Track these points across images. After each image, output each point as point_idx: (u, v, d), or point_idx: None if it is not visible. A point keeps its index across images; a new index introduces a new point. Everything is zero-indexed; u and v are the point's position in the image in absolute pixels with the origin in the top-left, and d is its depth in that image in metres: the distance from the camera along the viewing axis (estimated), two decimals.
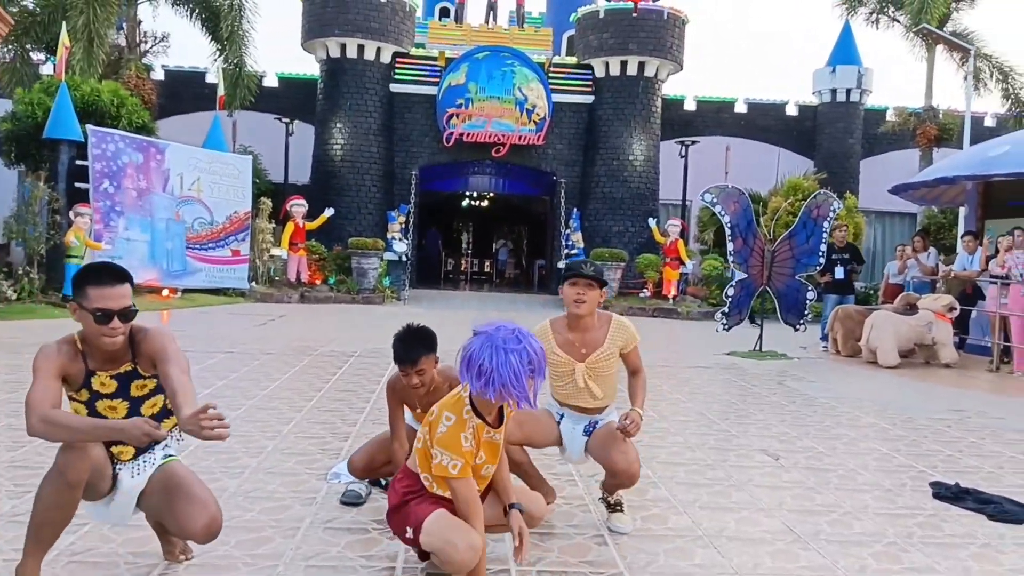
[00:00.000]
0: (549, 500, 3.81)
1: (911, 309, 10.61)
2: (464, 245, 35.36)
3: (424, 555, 3.04)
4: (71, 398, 2.88)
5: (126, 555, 3.20)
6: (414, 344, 3.54)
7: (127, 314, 2.79)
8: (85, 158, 14.72)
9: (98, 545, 3.31)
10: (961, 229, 14.21)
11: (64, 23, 16.76)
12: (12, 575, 2.86)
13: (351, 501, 3.97)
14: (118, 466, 2.93)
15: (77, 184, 14.77)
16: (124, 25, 21.14)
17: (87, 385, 2.84)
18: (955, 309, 10.56)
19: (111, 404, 2.88)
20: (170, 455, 3.04)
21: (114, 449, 2.89)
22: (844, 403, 7.51)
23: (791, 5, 71.89)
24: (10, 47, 19.18)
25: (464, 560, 2.78)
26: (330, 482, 4.26)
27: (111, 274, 2.79)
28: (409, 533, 2.95)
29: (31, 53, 20.55)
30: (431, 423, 2.92)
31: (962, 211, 14.54)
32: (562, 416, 3.88)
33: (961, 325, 11.38)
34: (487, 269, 31.95)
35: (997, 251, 10.43)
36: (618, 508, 3.80)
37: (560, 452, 3.96)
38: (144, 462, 2.97)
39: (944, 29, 21.34)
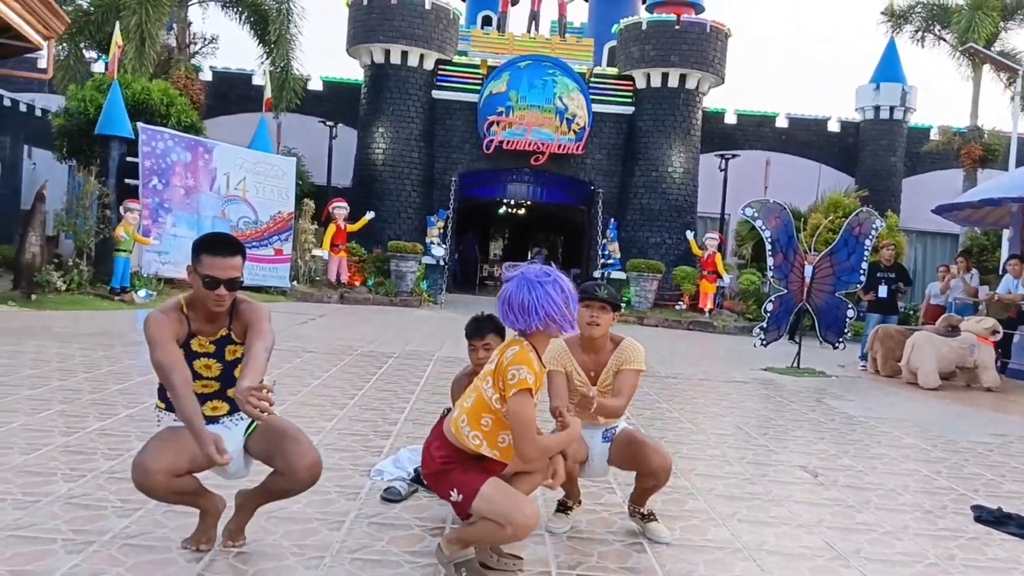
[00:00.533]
0: (576, 504, 3.94)
1: (953, 331, 10.48)
2: (500, 252, 35.47)
3: (467, 516, 3.11)
4: None
5: (179, 540, 3.30)
6: (485, 323, 3.98)
7: (233, 283, 3.03)
8: (135, 155, 15.07)
9: (152, 529, 3.42)
10: (1005, 251, 13.99)
11: (117, 23, 17.19)
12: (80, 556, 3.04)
13: (392, 498, 4.05)
14: (218, 423, 3.18)
15: (127, 180, 15.12)
16: (175, 26, 21.58)
17: (186, 345, 3.07)
18: (998, 332, 10.41)
19: (207, 363, 3.15)
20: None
21: (207, 408, 3.14)
22: (884, 423, 7.45)
23: (835, 21, 71.25)
24: (64, 45, 19.66)
25: (528, 525, 2.94)
26: (373, 479, 4.34)
27: (225, 246, 3.04)
28: (455, 496, 3.03)
29: (84, 51, 21.06)
30: (495, 364, 3.02)
31: (1006, 233, 14.32)
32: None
33: (1003, 349, 11.20)
34: None
35: None
36: (653, 518, 3.84)
37: (580, 470, 3.85)
38: (238, 416, 3.23)
39: (992, 48, 21.03)
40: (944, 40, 22.78)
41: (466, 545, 3.11)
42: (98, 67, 21.77)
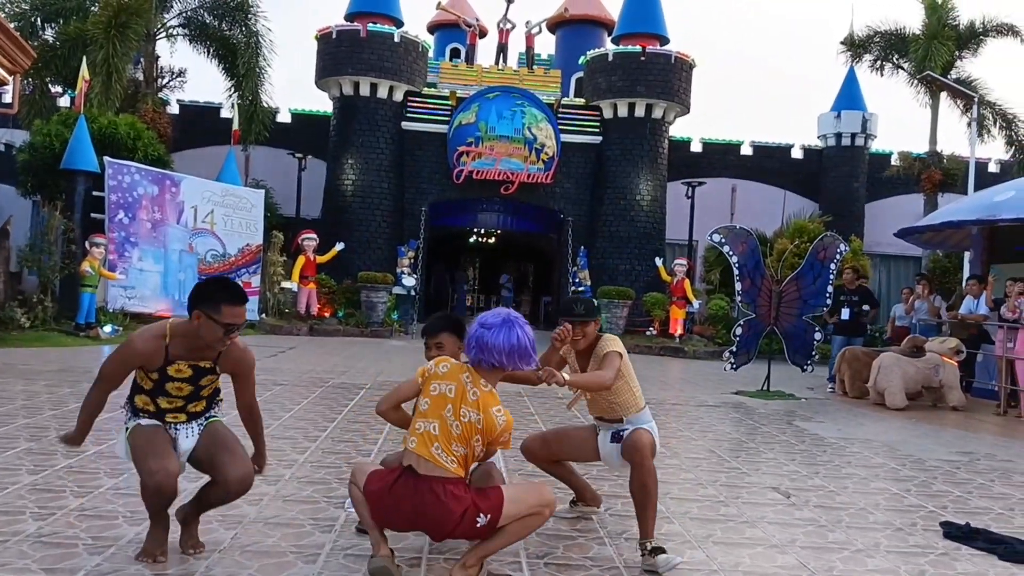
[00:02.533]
0: (592, 503, 4.38)
1: (918, 352, 10.67)
2: (470, 281, 35.48)
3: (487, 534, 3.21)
4: (144, 374, 3.39)
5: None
6: (437, 321, 4.00)
7: (241, 327, 3.37)
8: (101, 189, 14.95)
9: (124, 566, 3.37)
10: (967, 274, 14.31)
11: (84, 57, 17.13)
12: None
13: (367, 529, 4.03)
14: (172, 428, 3.46)
15: (93, 214, 15.00)
16: (142, 60, 21.52)
17: (162, 370, 3.35)
18: (962, 352, 10.61)
19: (179, 386, 3.42)
20: (213, 416, 3.60)
21: (169, 417, 3.45)
22: (853, 443, 7.55)
23: (796, 51, 72.88)
24: (30, 80, 19.53)
25: (554, 500, 3.35)
26: (347, 511, 4.32)
27: (241, 295, 3.34)
28: (482, 521, 3.13)
29: (50, 86, 20.94)
30: (475, 395, 3.23)
31: (967, 255, 14.66)
32: (599, 429, 4.18)
33: (967, 369, 11.42)
34: (493, 305, 32.05)
35: (1006, 295, 10.50)
36: (661, 551, 3.72)
37: (603, 460, 4.22)
38: (196, 424, 3.53)
39: (948, 76, 21.64)
40: (902, 68, 23.40)
41: (485, 558, 3.28)
42: (64, 101, 21.65)
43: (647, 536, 3.78)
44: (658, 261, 20.89)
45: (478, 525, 3.11)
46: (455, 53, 25.97)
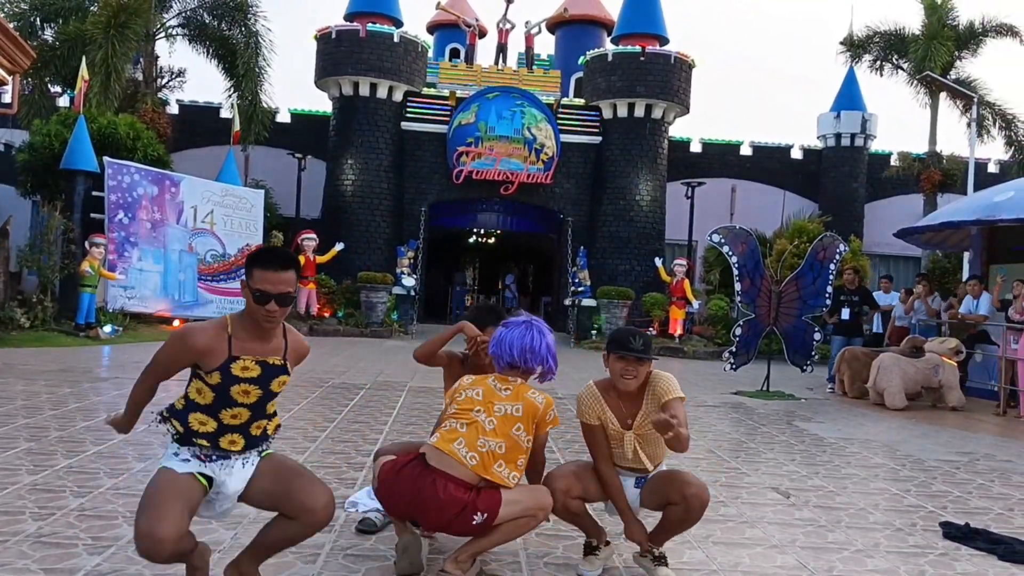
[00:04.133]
0: (605, 541, 3.75)
1: (918, 352, 10.67)
2: (470, 282, 35.48)
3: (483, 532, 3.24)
4: (197, 376, 2.92)
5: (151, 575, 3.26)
6: (489, 314, 4.12)
7: (285, 299, 2.88)
8: (101, 189, 14.95)
9: (124, 566, 3.37)
10: (966, 274, 14.32)
11: (83, 57, 17.13)
12: None
13: (367, 529, 4.04)
14: (229, 460, 2.97)
15: (92, 214, 15.00)
16: (141, 60, 21.53)
17: (224, 369, 2.87)
18: (961, 352, 10.62)
19: (246, 389, 2.92)
20: (267, 450, 3.12)
21: (223, 441, 2.94)
22: (853, 444, 7.55)
23: (796, 51, 72.93)
24: (29, 80, 19.53)
25: (551, 503, 3.35)
26: (347, 511, 4.31)
27: (278, 259, 2.90)
28: (479, 519, 3.15)
29: (49, 86, 20.93)
30: (522, 412, 3.35)
31: (967, 256, 14.66)
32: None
33: (963, 368, 11.41)
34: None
35: (1014, 296, 10.47)
36: (663, 562, 3.59)
37: (606, 508, 3.77)
38: (252, 453, 3.04)
39: (948, 76, 21.66)
40: (902, 69, 23.42)
41: (477, 555, 3.28)
42: (63, 101, 21.64)
43: (658, 544, 3.62)
44: (658, 261, 20.89)
45: (474, 523, 3.14)
46: (455, 53, 25.98)
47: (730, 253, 10.81)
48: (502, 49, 24.35)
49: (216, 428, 2.91)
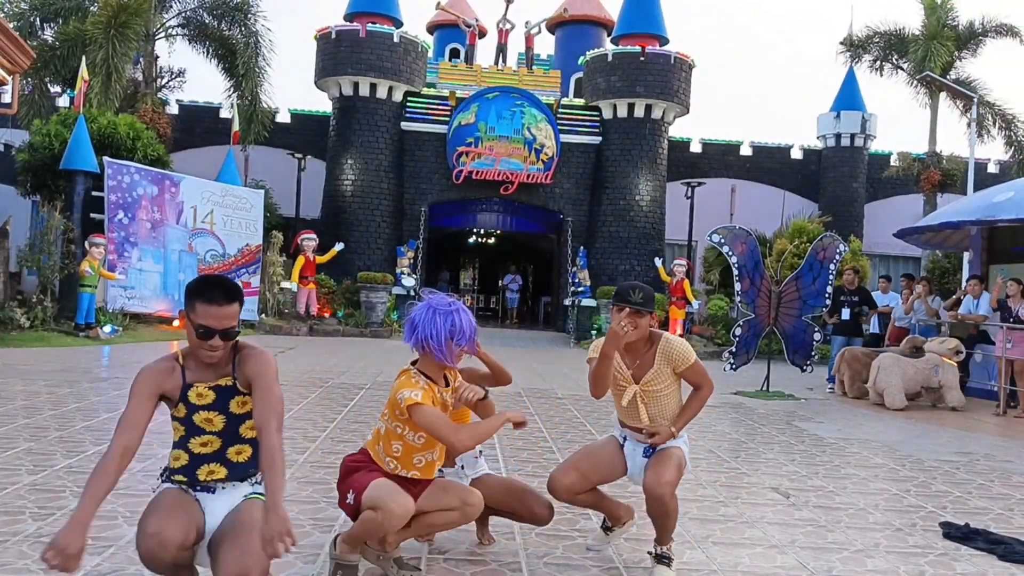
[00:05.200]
0: (627, 519, 3.90)
1: (917, 352, 10.67)
2: (469, 282, 35.50)
3: (356, 517, 3.29)
4: (172, 416, 2.84)
5: None
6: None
7: (228, 334, 2.77)
8: (101, 189, 14.95)
9: (125, 566, 3.37)
10: (966, 274, 14.31)
11: (83, 57, 17.14)
12: None
13: None
14: (208, 489, 2.81)
15: (92, 215, 15.00)
16: (141, 60, 21.54)
17: (184, 399, 2.80)
18: (961, 352, 10.62)
19: (208, 416, 2.81)
20: (257, 493, 2.86)
21: (201, 472, 2.80)
22: (853, 444, 7.56)
23: (796, 52, 72.94)
24: (29, 80, 19.53)
25: (396, 512, 3.14)
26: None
27: (221, 292, 2.76)
28: (350, 498, 3.28)
29: (49, 86, 20.94)
30: (389, 402, 3.34)
31: (967, 256, 14.67)
32: (625, 439, 3.80)
33: (963, 368, 11.41)
34: (492, 305, 32.01)
35: (1007, 295, 10.47)
36: (663, 562, 3.59)
37: (629, 478, 3.84)
38: (241, 486, 2.86)
39: (947, 77, 21.66)
40: (901, 69, 23.43)
41: (355, 543, 3.30)
42: (63, 102, 21.65)
43: (660, 543, 3.62)
44: (657, 261, 20.89)
45: (347, 501, 3.30)
46: (454, 53, 25.99)
47: (730, 253, 10.81)
48: (502, 49, 24.36)
49: (189, 460, 2.80)
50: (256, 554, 2.51)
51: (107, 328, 13.70)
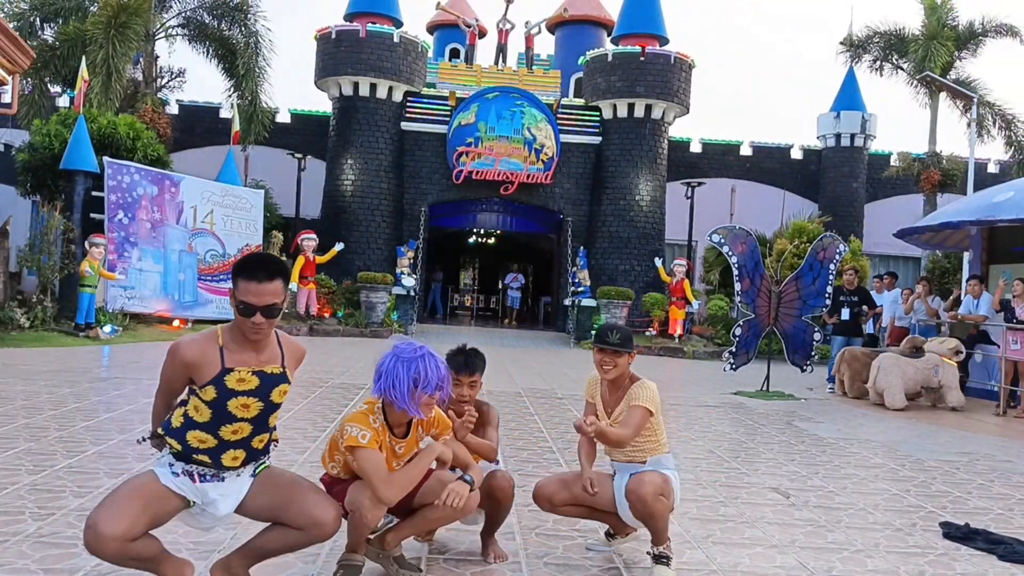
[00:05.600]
0: (630, 529, 3.92)
1: (917, 352, 10.67)
2: (469, 282, 35.48)
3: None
4: (192, 393, 2.83)
5: None
6: (475, 359, 3.77)
7: (271, 311, 2.77)
8: (101, 189, 14.95)
9: (123, 569, 3.37)
10: (966, 274, 14.31)
11: (83, 57, 17.13)
12: None
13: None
14: (223, 480, 2.89)
15: (92, 215, 15.00)
16: (141, 60, 21.54)
17: (218, 382, 2.78)
18: (961, 352, 10.62)
19: (244, 402, 2.81)
20: (264, 463, 3.05)
21: (226, 458, 2.85)
22: (853, 444, 7.56)
23: (796, 52, 72.94)
24: (29, 80, 19.53)
25: (368, 505, 3.12)
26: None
27: (264, 269, 2.77)
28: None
29: (49, 86, 20.93)
30: (344, 418, 3.28)
31: (967, 256, 14.66)
32: (615, 472, 3.85)
33: (962, 368, 11.40)
34: (492, 305, 32.00)
35: (1014, 296, 10.44)
36: (662, 561, 3.62)
37: (621, 515, 3.79)
38: (248, 468, 2.96)
39: (947, 77, 21.66)
40: (901, 69, 23.43)
41: (355, 545, 3.30)
42: (63, 101, 21.65)
43: (656, 543, 3.65)
44: (657, 261, 20.89)
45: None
46: (454, 53, 25.99)
47: (730, 253, 10.82)
48: (502, 49, 24.36)
49: (217, 444, 2.82)
50: (329, 497, 2.99)
51: (107, 328, 13.70)
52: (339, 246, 19.31)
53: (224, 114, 23.18)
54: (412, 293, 20.31)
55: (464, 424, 3.61)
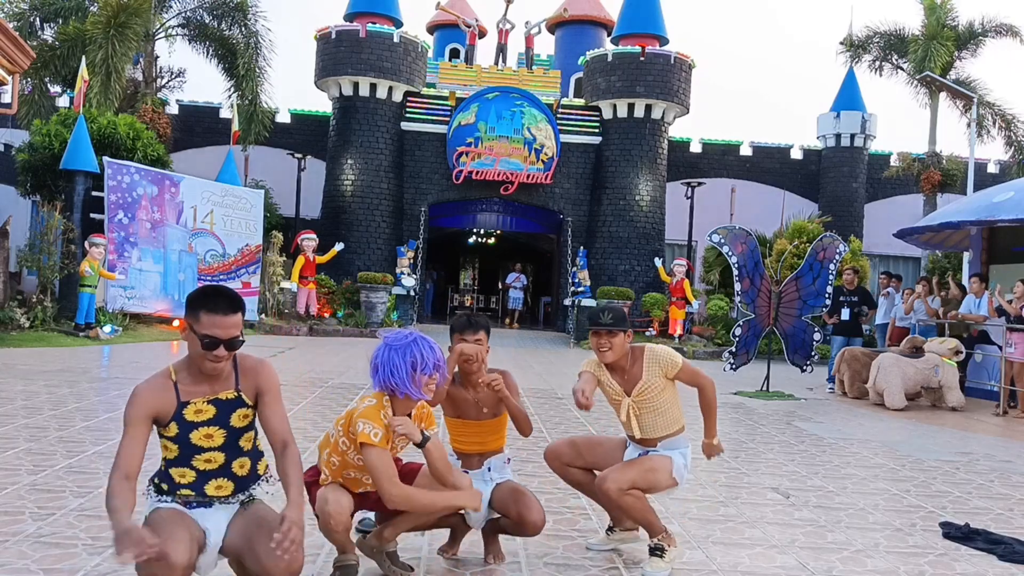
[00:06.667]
0: (631, 526, 3.96)
1: (917, 352, 10.67)
2: (469, 282, 35.47)
3: None
4: (160, 435, 2.77)
5: None
6: (479, 319, 3.79)
7: (233, 343, 2.73)
8: (101, 189, 14.95)
9: (123, 568, 3.36)
10: (966, 274, 14.30)
11: (83, 57, 17.13)
12: None
13: (366, 529, 4.02)
14: (211, 508, 2.79)
15: (92, 215, 15.00)
16: (141, 60, 21.54)
17: (178, 418, 2.73)
18: (961, 352, 10.61)
19: (208, 432, 2.76)
20: (254, 497, 2.91)
21: (209, 488, 2.78)
22: (853, 444, 7.56)
23: (796, 51, 72.93)
24: (29, 80, 19.53)
25: (331, 512, 3.15)
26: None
27: (226, 302, 2.73)
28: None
29: (49, 86, 20.93)
30: (349, 412, 3.24)
31: (966, 256, 14.66)
32: (628, 444, 3.96)
33: (961, 368, 11.38)
34: (492, 305, 31.98)
35: (1016, 296, 10.42)
36: (656, 553, 3.67)
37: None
38: (238, 498, 2.85)
39: (947, 77, 21.66)
40: (901, 69, 23.44)
41: (343, 547, 3.32)
42: (63, 101, 21.64)
43: (651, 535, 3.71)
44: (657, 261, 20.89)
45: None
46: (454, 53, 25.98)
47: (730, 253, 10.81)
48: (502, 49, 24.36)
49: (196, 477, 2.77)
50: (297, 551, 2.61)
51: (107, 328, 13.70)
52: (339, 246, 19.32)
53: (224, 114, 23.17)
54: (412, 293, 20.32)
55: (493, 385, 3.61)
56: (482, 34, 26.13)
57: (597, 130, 22.65)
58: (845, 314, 12.03)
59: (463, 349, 3.65)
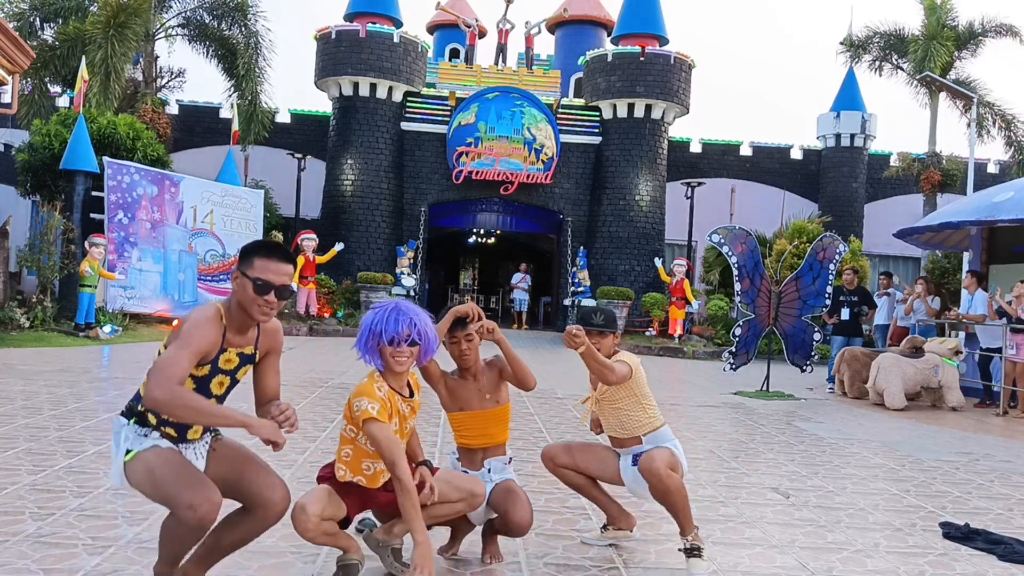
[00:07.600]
0: (624, 526, 4.06)
1: (917, 352, 10.67)
2: (469, 282, 35.47)
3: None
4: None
5: None
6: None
7: (284, 292, 2.82)
8: (100, 189, 14.95)
9: (124, 566, 3.37)
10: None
11: (83, 57, 17.13)
12: None
13: (366, 529, 4.04)
14: (183, 446, 2.87)
15: (92, 215, 14.99)
16: (141, 60, 21.54)
17: (214, 362, 2.79)
18: (960, 352, 10.61)
19: (221, 380, 2.88)
20: (218, 433, 3.04)
21: (190, 432, 2.87)
22: (853, 444, 7.56)
23: (796, 51, 72.93)
24: (29, 80, 19.54)
25: (298, 518, 3.09)
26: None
27: (280, 252, 2.85)
28: None
29: (49, 86, 20.94)
30: (348, 401, 3.26)
31: (966, 256, 14.66)
32: (619, 454, 4.02)
33: None
34: (492, 306, 31.94)
35: (1015, 296, 10.42)
36: (694, 554, 3.70)
37: (630, 491, 4.03)
38: (206, 438, 2.96)
39: (947, 77, 21.66)
40: (901, 69, 23.43)
41: (345, 546, 3.32)
42: (63, 101, 21.64)
43: (683, 534, 3.72)
44: (657, 261, 20.88)
45: None
46: (454, 53, 25.98)
47: (730, 253, 10.81)
48: (502, 49, 24.35)
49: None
50: (276, 474, 2.91)
51: (107, 328, 13.70)
52: (339, 246, 19.31)
53: (224, 114, 23.17)
54: (412, 293, 20.31)
55: (486, 326, 3.66)
56: (482, 34, 26.13)
57: (597, 130, 22.65)
58: (845, 314, 12.03)
59: (458, 309, 3.65)
